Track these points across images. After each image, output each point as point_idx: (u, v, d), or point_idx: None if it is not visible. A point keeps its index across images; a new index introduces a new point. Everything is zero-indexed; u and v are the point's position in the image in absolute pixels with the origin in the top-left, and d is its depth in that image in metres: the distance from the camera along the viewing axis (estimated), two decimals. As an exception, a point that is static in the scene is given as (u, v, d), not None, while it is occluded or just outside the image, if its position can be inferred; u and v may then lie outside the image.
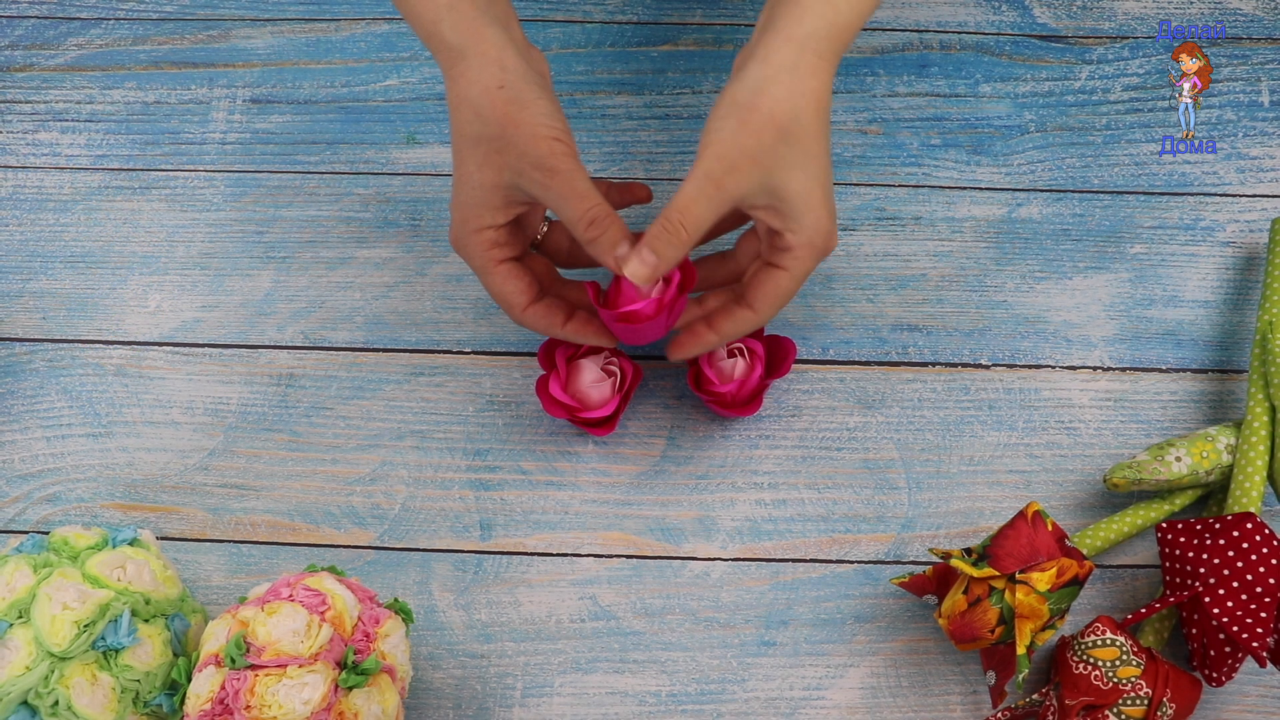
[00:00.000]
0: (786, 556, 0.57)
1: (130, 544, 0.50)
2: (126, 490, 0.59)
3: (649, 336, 0.53)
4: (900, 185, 0.67)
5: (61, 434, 0.60)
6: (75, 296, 0.64)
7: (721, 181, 0.46)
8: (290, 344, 0.63)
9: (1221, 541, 0.50)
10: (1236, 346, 0.62)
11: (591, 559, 0.57)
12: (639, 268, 0.48)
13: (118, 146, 0.69)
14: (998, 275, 0.64)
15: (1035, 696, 0.52)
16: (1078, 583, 0.49)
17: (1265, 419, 0.55)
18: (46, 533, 0.52)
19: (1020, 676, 0.47)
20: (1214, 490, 0.56)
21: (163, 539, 0.58)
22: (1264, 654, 0.47)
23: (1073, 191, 0.67)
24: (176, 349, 0.63)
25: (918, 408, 0.61)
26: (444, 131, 0.69)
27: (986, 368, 0.62)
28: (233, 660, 0.44)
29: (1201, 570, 0.50)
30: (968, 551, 0.51)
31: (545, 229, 0.56)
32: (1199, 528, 0.51)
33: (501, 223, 0.50)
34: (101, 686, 0.45)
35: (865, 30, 0.72)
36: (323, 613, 0.46)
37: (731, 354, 0.56)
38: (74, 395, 0.61)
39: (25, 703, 0.44)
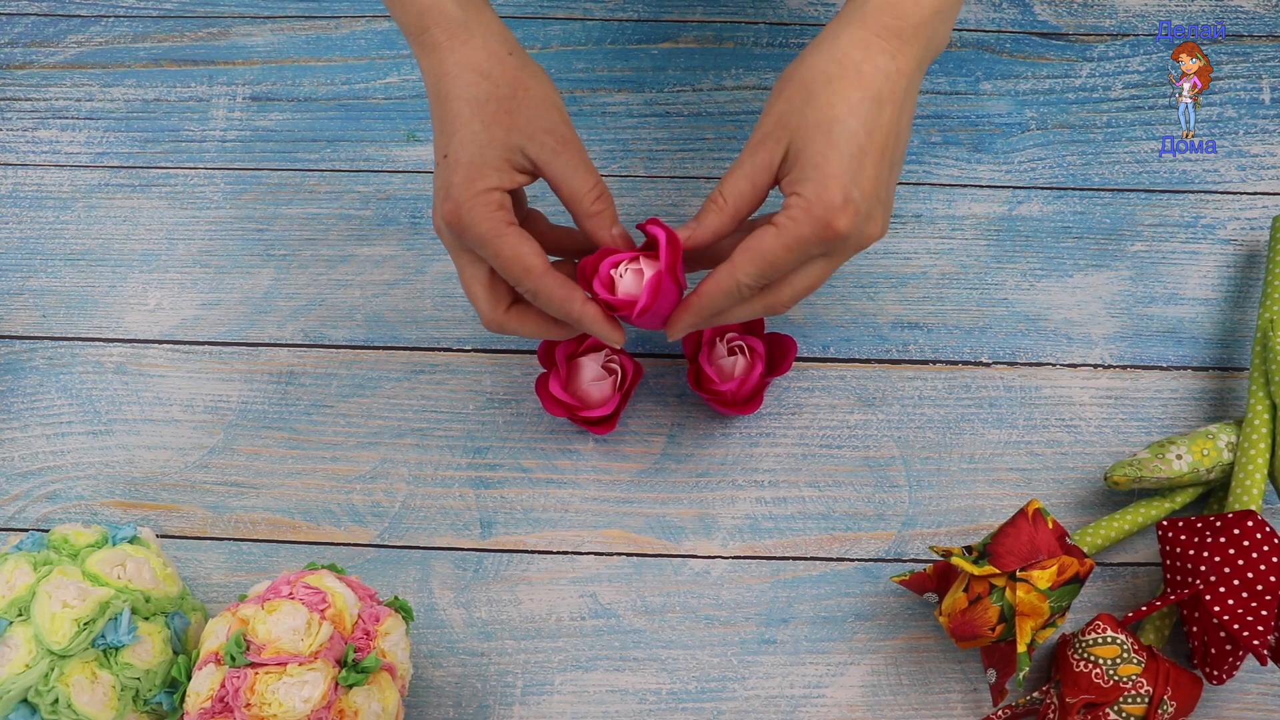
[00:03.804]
0: (787, 554, 0.57)
1: (130, 542, 0.50)
2: (126, 488, 0.59)
3: (650, 321, 0.51)
4: (901, 182, 0.67)
5: (61, 432, 0.60)
6: (75, 294, 0.64)
7: (755, 152, 0.46)
8: (290, 341, 0.63)
9: (1222, 539, 0.50)
10: (1237, 344, 0.62)
11: (592, 557, 0.57)
12: (681, 231, 0.48)
13: (118, 144, 0.69)
14: (998, 273, 0.64)
15: (1036, 694, 0.52)
16: (1078, 580, 0.49)
17: (1266, 417, 0.55)
18: (46, 530, 0.52)
19: (1021, 674, 0.47)
20: (1215, 488, 0.56)
21: (163, 537, 0.58)
22: (1264, 652, 0.47)
23: (1073, 189, 0.67)
24: (176, 346, 0.63)
25: (918, 405, 0.61)
26: (444, 129, 0.69)
27: (987, 365, 0.62)
28: (233, 658, 0.44)
29: (1202, 568, 0.50)
30: (968, 549, 0.51)
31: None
32: (1200, 526, 0.51)
33: (507, 186, 0.47)
34: (101, 684, 0.45)
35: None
36: (323, 610, 0.46)
37: (732, 352, 0.56)
38: (74, 393, 0.61)
39: (25, 700, 0.44)
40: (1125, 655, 0.49)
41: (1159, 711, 0.48)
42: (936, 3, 0.46)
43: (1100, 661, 0.49)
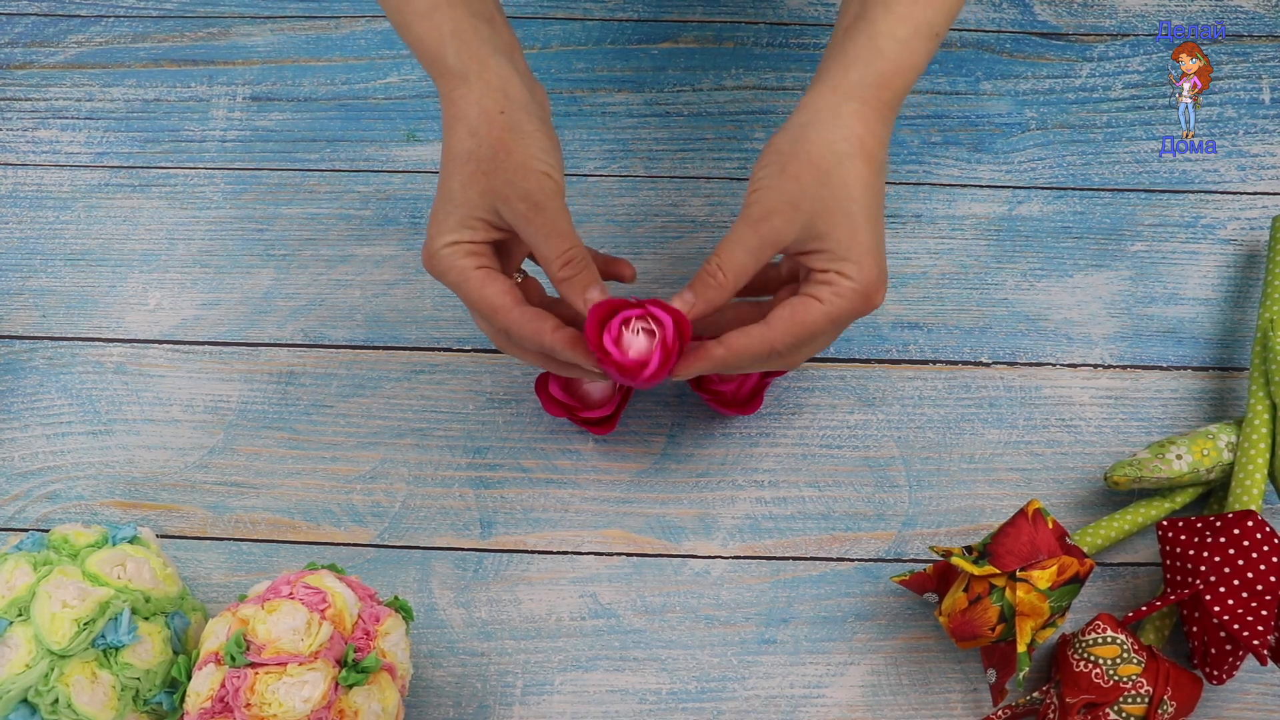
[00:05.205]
0: (787, 554, 0.57)
1: (130, 542, 0.50)
2: (126, 488, 0.59)
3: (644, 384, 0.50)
4: (901, 183, 0.67)
5: (61, 432, 0.60)
6: (75, 294, 0.64)
7: (759, 227, 0.46)
8: (290, 341, 0.63)
9: (1222, 539, 0.50)
10: (1237, 344, 0.62)
11: (592, 557, 0.57)
12: (678, 305, 0.47)
13: (118, 144, 0.69)
14: (998, 273, 0.64)
15: (1036, 694, 0.52)
16: (1078, 580, 0.49)
17: (1266, 417, 0.55)
18: (46, 530, 0.52)
19: (1021, 674, 0.47)
20: (1215, 488, 0.56)
21: (163, 537, 0.58)
22: (1264, 652, 0.47)
23: (1073, 189, 0.67)
24: (176, 346, 0.63)
25: (918, 405, 0.61)
26: (444, 129, 0.69)
27: (987, 365, 0.62)
28: (233, 658, 0.44)
29: (1202, 568, 0.50)
30: (968, 549, 0.51)
31: (520, 280, 0.53)
32: (1200, 526, 0.51)
33: (478, 240, 0.48)
34: (101, 684, 0.45)
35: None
36: (323, 610, 0.46)
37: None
38: (74, 393, 0.61)
39: (25, 700, 0.44)
40: (1125, 655, 0.49)
41: (1159, 711, 0.48)
42: (916, 71, 0.48)
43: (1100, 661, 0.49)
